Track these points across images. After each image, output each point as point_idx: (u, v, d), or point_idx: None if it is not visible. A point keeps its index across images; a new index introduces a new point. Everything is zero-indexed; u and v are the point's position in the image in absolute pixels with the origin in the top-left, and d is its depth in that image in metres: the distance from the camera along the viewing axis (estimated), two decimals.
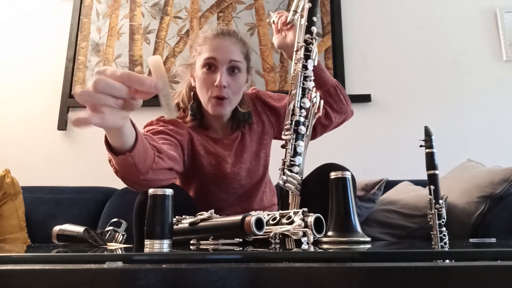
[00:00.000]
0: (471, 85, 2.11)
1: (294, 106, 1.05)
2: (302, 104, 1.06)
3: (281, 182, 1.01)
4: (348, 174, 0.76)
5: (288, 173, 1.01)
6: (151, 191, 0.73)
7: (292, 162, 1.02)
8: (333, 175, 0.76)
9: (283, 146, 1.05)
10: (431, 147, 0.79)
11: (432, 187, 0.78)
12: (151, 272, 0.44)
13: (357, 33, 2.22)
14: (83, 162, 2.12)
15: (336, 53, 2.17)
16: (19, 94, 2.25)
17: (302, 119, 1.05)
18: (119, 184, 1.91)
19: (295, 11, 1.15)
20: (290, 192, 1.01)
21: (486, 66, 2.13)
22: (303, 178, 1.03)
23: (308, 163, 1.06)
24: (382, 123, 2.07)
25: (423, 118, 2.04)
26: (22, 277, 0.46)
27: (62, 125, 2.16)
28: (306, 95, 1.06)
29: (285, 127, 1.05)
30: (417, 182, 1.63)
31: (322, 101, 1.08)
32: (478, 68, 2.13)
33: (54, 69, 2.26)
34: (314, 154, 1.28)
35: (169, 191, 0.72)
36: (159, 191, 0.72)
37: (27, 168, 2.07)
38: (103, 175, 2.08)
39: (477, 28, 2.19)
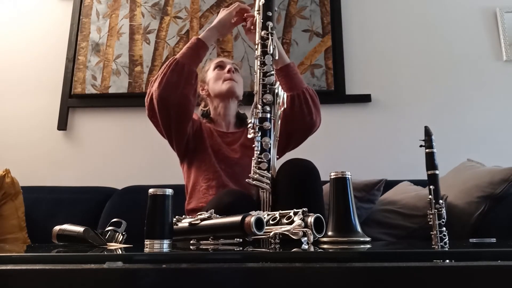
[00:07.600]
0: (471, 85, 2.10)
1: (256, 103, 1.09)
2: (264, 100, 1.09)
3: (251, 180, 1.03)
4: (348, 174, 0.76)
5: (257, 170, 1.03)
6: (151, 191, 0.72)
7: (259, 159, 1.04)
8: (333, 175, 0.76)
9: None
10: (431, 147, 0.79)
11: (432, 187, 0.78)
12: (151, 272, 0.44)
13: (357, 33, 2.22)
14: (83, 162, 2.12)
15: (336, 53, 2.17)
16: (19, 94, 2.25)
17: (267, 115, 1.08)
18: (119, 184, 1.93)
19: (258, 11, 1.21)
20: (260, 190, 1.03)
21: (486, 66, 2.13)
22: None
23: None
24: (382, 123, 2.07)
25: (423, 118, 2.04)
26: (22, 277, 0.45)
27: (62, 125, 2.16)
28: (268, 91, 1.10)
29: (249, 126, 1.08)
30: (417, 182, 1.62)
31: (285, 94, 1.12)
32: (478, 68, 2.13)
33: (54, 69, 2.25)
34: (314, 154, 1.28)
35: (169, 191, 0.72)
36: (159, 191, 0.72)
37: (27, 168, 2.07)
38: (103, 175, 2.09)
39: (477, 28, 2.19)
